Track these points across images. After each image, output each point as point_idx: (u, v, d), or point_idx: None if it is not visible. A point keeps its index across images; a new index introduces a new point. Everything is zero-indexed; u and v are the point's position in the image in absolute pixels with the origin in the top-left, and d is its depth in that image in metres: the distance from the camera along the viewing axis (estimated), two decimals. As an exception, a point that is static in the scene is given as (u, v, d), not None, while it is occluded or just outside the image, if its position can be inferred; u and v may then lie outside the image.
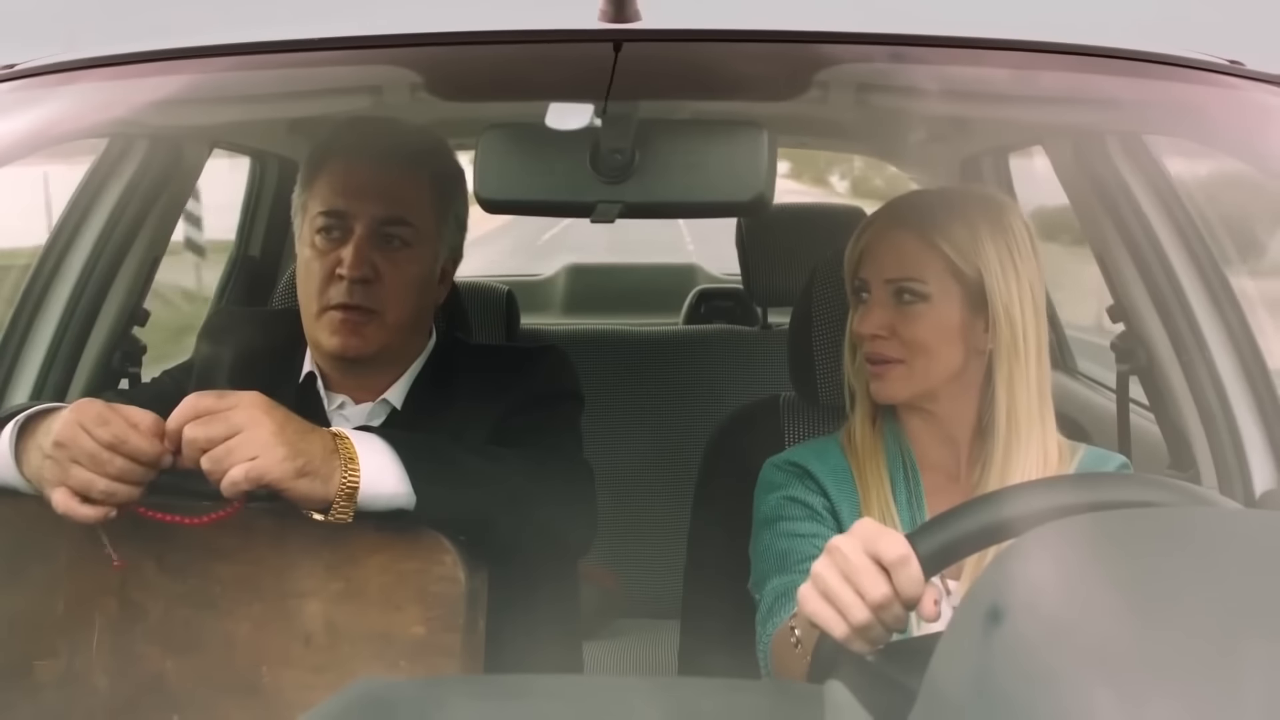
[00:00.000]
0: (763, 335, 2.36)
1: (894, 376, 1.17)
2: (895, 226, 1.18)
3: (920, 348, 1.16)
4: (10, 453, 1.01)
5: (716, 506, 1.45)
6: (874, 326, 1.17)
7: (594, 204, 1.19)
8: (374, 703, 0.64)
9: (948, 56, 1.16)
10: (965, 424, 1.20)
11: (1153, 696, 0.59)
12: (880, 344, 1.17)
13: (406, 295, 1.21)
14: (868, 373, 1.20)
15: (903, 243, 1.17)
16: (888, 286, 1.17)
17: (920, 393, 1.18)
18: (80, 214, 1.80)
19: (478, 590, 1.00)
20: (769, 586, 1.16)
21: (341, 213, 1.19)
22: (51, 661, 1.03)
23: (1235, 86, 1.18)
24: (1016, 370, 1.15)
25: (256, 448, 0.94)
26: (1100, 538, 0.71)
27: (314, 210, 1.21)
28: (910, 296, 1.16)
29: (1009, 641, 0.62)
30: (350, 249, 1.17)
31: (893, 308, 1.17)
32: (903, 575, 0.82)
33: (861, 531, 0.85)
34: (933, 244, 1.15)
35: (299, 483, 0.95)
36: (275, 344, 1.30)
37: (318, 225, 1.20)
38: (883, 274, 1.17)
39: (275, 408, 0.97)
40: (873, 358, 1.18)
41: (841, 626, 0.83)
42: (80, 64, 1.22)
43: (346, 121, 1.29)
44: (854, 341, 1.22)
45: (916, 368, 1.17)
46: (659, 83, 1.30)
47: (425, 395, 1.25)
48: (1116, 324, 1.68)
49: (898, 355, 1.17)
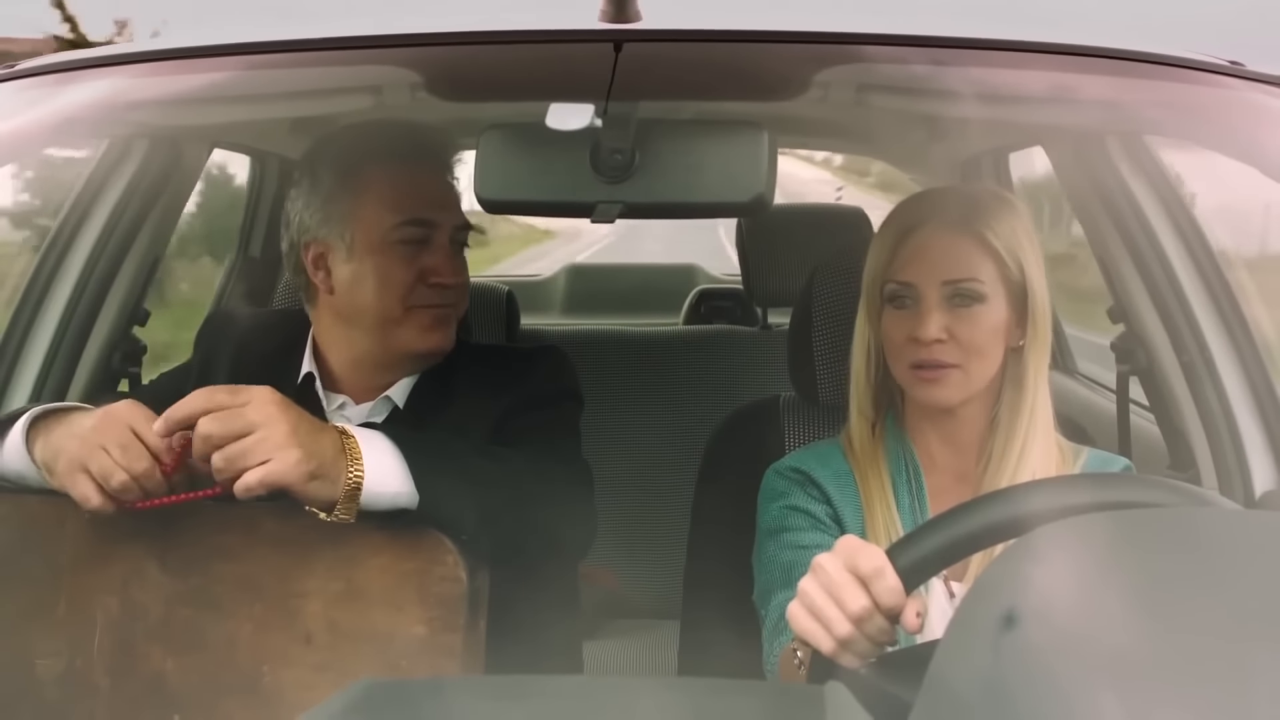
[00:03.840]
0: (763, 335, 2.36)
1: (951, 381, 1.15)
2: (948, 226, 1.15)
3: (977, 350, 1.14)
4: (22, 436, 1.03)
5: (716, 506, 1.45)
6: (936, 330, 1.13)
7: (594, 204, 1.19)
8: (375, 702, 0.64)
9: (948, 57, 1.16)
10: (979, 424, 1.20)
11: (1152, 698, 0.59)
12: (939, 349, 1.14)
13: (466, 293, 1.27)
14: (916, 379, 1.16)
15: (958, 243, 1.14)
16: (944, 289, 1.14)
17: (970, 395, 1.16)
18: (80, 214, 1.80)
19: (479, 590, 1.00)
20: (774, 602, 1.16)
21: (428, 221, 1.22)
22: (52, 660, 1.03)
23: (1235, 87, 1.18)
24: (1041, 366, 1.17)
25: (271, 449, 0.94)
26: (1099, 538, 0.71)
27: (386, 219, 1.20)
28: (967, 298, 1.14)
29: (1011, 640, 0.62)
30: (441, 257, 1.22)
31: (948, 310, 1.14)
32: (879, 587, 0.83)
33: (842, 547, 0.86)
34: (987, 243, 1.14)
35: (310, 485, 0.96)
36: (273, 345, 1.30)
37: (400, 235, 1.21)
38: (939, 276, 1.14)
39: (288, 405, 0.97)
40: (928, 363, 1.14)
41: (828, 641, 0.84)
42: (80, 64, 1.22)
43: (381, 126, 1.29)
44: (895, 347, 1.17)
45: (972, 371, 1.15)
46: (659, 83, 1.30)
47: (426, 395, 1.25)
48: (1117, 324, 1.68)
49: (954, 360, 1.14)
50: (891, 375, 1.21)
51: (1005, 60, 1.17)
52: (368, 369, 1.25)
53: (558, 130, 1.25)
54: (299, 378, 1.26)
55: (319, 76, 1.32)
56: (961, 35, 1.13)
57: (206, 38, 1.18)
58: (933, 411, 1.20)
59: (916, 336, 1.14)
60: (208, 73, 1.23)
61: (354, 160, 1.23)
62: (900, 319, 1.16)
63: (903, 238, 1.17)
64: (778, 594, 1.15)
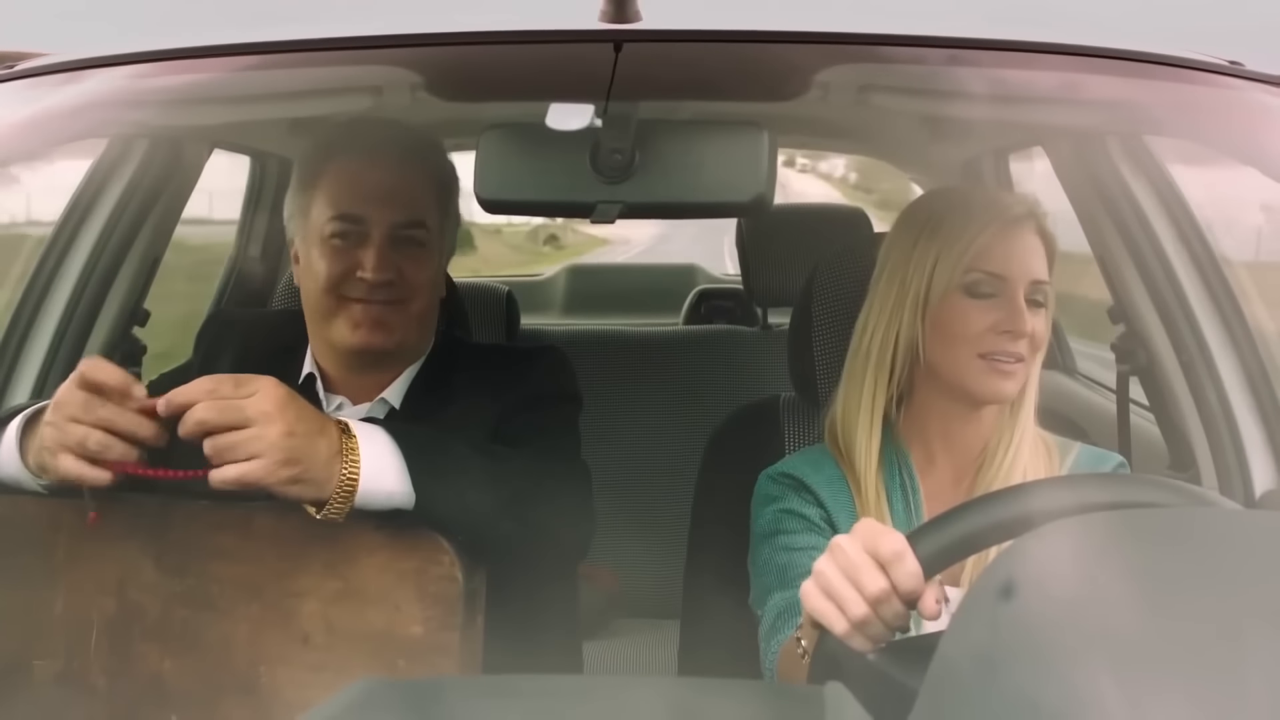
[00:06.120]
0: (763, 335, 2.36)
1: (1019, 376, 1.17)
2: (1037, 230, 1.18)
3: (1039, 348, 1.18)
4: (15, 443, 1.02)
5: (716, 506, 1.45)
6: (1027, 325, 1.15)
7: (594, 204, 1.19)
8: (375, 702, 0.63)
9: (948, 57, 1.16)
10: (988, 423, 1.21)
11: (1153, 695, 0.59)
12: (1021, 342, 1.16)
13: (423, 292, 1.24)
14: (989, 369, 1.16)
15: (1040, 247, 1.18)
16: (1031, 287, 1.16)
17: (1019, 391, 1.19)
18: (80, 214, 1.80)
19: (476, 590, 1.00)
20: (771, 602, 1.16)
21: (358, 217, 1.20)
22: (49, 661, 1.03)
23: (1235, 86, 1.18)
24: (1039, 364, 1.19)
25: (258, 448, 0.93)
26: (1100, 538, 0.71)
27: (324, 214, 1.21)
28: (1040, 300, 1.17)
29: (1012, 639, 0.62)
30: (371, 252, 1.19)
31: (1028, 308, 1.16)
32: (899, 571, 0.83)
33: (862, 530, 0.86)
34: (1051, 250, 1.19)
35: (290, 489, 0.95)
36: (274, 345, 1.30)
37: (332, 230, 1.20)
38: (1030, 275, 1.16)
39: (289, 403, 0.96)
40: (1009, 354, 1.15)
41: (841, 622, 0.84)
42: (80, 64, 1.22)
43: (345, 124, 1.29)
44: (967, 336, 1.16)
45: (1032, 367, 1.18)
46: (659, 83, 1.30)
47: (424, 394, 1.25)
48: (1117, 324, 1.68)
49: (1026, 354, 1.16)
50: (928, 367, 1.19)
51: (1005, 60, 1.17)
52: (343, 367, 1.26)
53: (558, 130, 1.25)
54: (300, 379, 1.26)
55: (319, 76, 1.32)
56: (962, 35, 1.13)
57: (206, 38, 1.18)
58: (955, 406, 1.20)
59: (1010, 329, 1.15)
60: (208, 73, 1.23)
61: (314, 157, 1.24)
62: (980, 309, 1.16)
63: (1000, 230, 1.17)
64: (775, 594, 1.15)
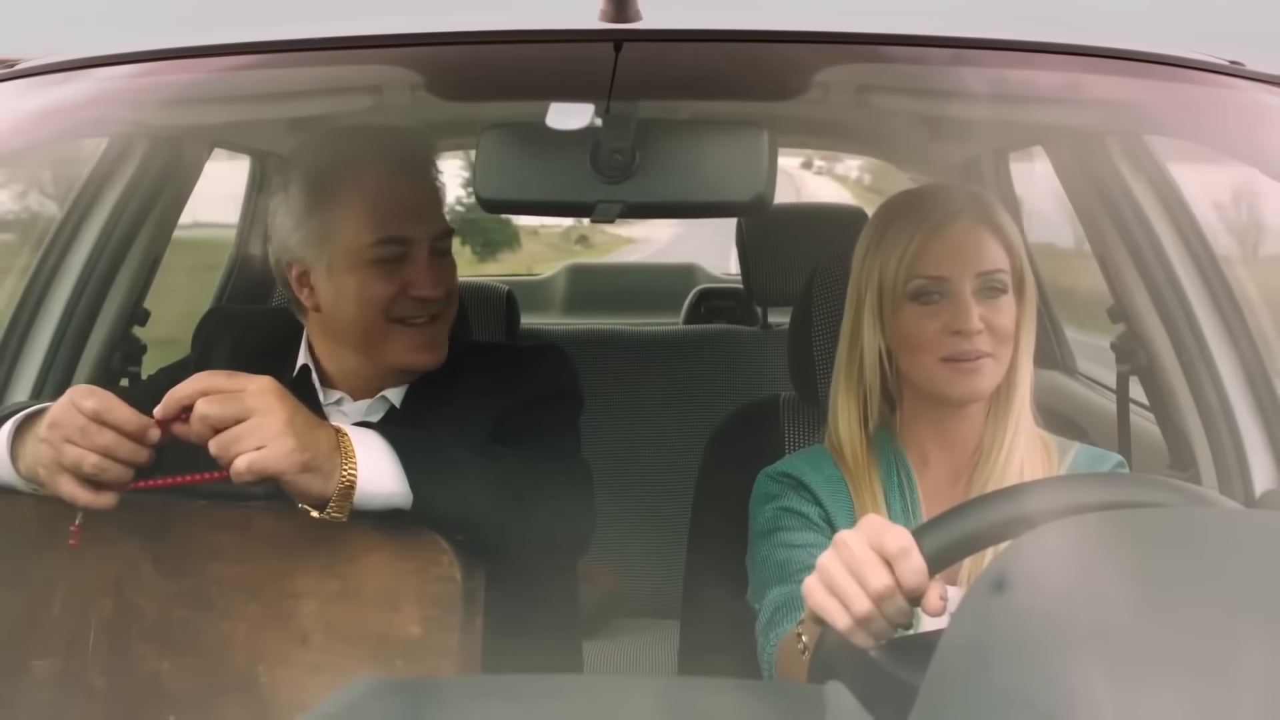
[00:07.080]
0: (763, 335, 2.36)
1: (987, 370, 1.16)
2: (974, 220, 1.18)
3: (1004, 338, 1.17)
4: (6, 450, 1.02)
5: (716, 506, 1.45)
6: (977, 321, 1.15)
7: (594, 204, 1.19)
8: (375, 702, 0.63)
9: (948, 56, 1.16)
10: (980, 418, 1.21)
11: (1151, 693, 0.59)
12: (978, 339, 1.15)
13: (456, 298, 1.25)
14: (953, 371, 1.16)
15: (984, 236, 1.17)
16: (979, 280, 1.16)
17: (997, 384, 1.18)
18: (80, 214, 1.80)
19: (475, 590, 1.00)
20: (769, 597, 1.16)
21: (404, 238, 1.18)
22: (48, 661, 1.03)
23: (1235, 86, 1.18)
24: (1029, 356, 1.19)
25: (265, 436, 0.93)
26: (1100, 537, 0.71)
27: (364, 238, 1.17)
28: (995, 290, 1.16)
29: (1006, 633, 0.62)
30: (421, 270, 1.18)
31: (980, 302, 1.16)
32: (904, 567, 0.83)
33: (867, 525, 0.86)
34: (1003, 234, 1.18)
35: (301, 477, 0.95)
36: (270, 340, 1.30)
37: (376, 254, 1.17)
38: (973, 268, 1.16)
39: (286, 396, 0.97)
40: (967, 354, 1.15)
41: (844, 618, 0.84)
42: (80, 64, 1.22)
43: (346, 138, 1.26)
44: (923, 343, 1.17)
45: (1001, 359, 1.17)
46: (659, 83, 1.30)
47: (424, 393, 1.25)
48: (1117, 324, 1.68)
49: (989, 349, 1.16)
50: (901, 375, 1.21)
51: (1005, 60, 1.17)
52: (361, 378, 1.25)
53: (558, 130, 1.25)
54: (294, 371, 1.26)
55: (319, 76, 1.32)
56: (962, 35, 1.13)
57: (206, 38, 1.18)
58: (942, 408, 1.20)
59: (959, 329, 1.15)
60: (208, 73, 1.23)
61: (326, 173, 1.19)
62: (930, 314, 1.17)
63: (929, 233, 1.17)
64: (773, 589, 1.15)
